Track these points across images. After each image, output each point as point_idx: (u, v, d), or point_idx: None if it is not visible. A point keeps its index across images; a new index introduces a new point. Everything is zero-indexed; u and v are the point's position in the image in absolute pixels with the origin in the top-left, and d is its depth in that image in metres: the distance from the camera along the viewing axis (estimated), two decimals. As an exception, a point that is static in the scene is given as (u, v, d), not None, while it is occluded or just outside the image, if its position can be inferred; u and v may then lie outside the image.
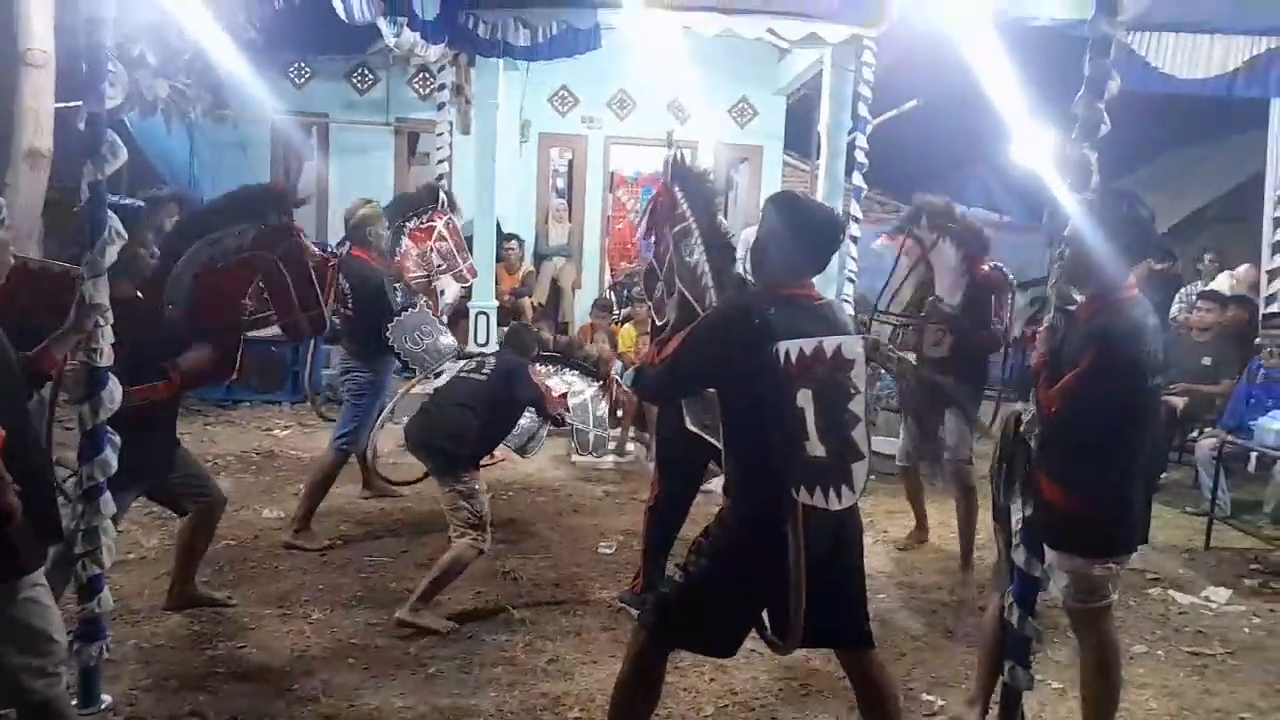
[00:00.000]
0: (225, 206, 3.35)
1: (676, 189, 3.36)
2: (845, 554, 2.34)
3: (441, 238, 5.46)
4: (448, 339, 4.63)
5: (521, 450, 4.43)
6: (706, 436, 3.10)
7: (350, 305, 4.44)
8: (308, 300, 3.51)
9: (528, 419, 4.20)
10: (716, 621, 2.35)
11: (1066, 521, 2.50)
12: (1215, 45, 5.67)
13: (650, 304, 3.76)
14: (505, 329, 5.02)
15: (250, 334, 3.54)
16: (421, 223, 5.47)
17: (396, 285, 4.84)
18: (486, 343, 6.79)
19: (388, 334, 4.36)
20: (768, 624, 2.36)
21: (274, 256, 3.36)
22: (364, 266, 4.55)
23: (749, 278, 2.76)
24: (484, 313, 7.01)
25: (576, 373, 4.62)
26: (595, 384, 4.90)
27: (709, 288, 3.10)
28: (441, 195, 5.60)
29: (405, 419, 4.09)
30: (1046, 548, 2.55)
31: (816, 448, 2.02)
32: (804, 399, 2.04)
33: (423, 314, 4.60)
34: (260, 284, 3.45)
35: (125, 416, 2.77)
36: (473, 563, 3.59)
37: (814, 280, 2.43)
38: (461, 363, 4.18)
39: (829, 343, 2.04)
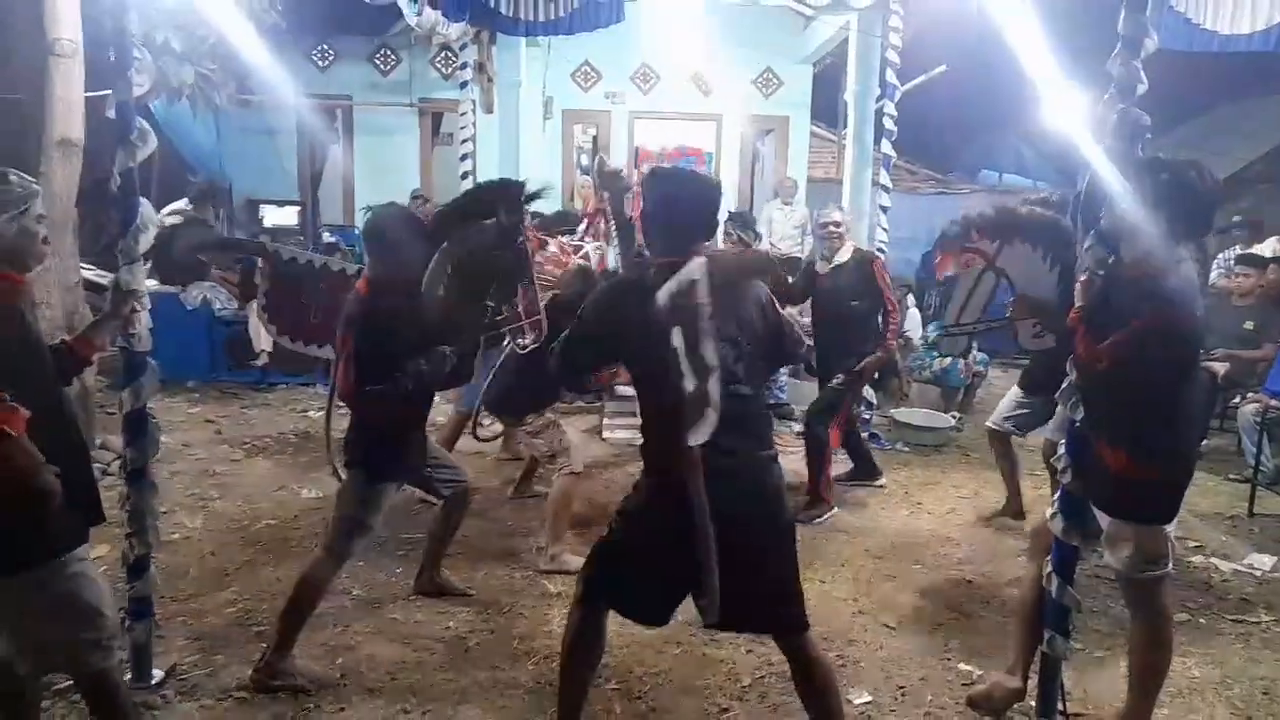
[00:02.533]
0: (465, 204, 3.31)
1: (605, 193, 3.27)
2: (768, 529, 2.29)
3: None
4: None
5: None
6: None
7: None
8: (533, 302, 3.39)
9: None
10: (633, 583, 2.37)
11: (1134, 488, 2.46)
12: (1258, -1, 5.48)
13: None
14: None
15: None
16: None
17: None
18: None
19: None
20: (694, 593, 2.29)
21: (513, 255, 3.25)
22: None
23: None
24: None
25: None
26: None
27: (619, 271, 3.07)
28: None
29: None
30: (1108, 517, 2.52)
31: (690, 382, 2.02)
32: (676, 337, 2.04)
33: None
34: (499, 284, 3.34)
35: (397, 418, 2.97)
36: (574, 487, 3.94)
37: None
38: None
39: (683, 274, 2.07)
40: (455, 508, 3.52)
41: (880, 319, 4.82)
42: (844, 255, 4.84)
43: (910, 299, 7.16)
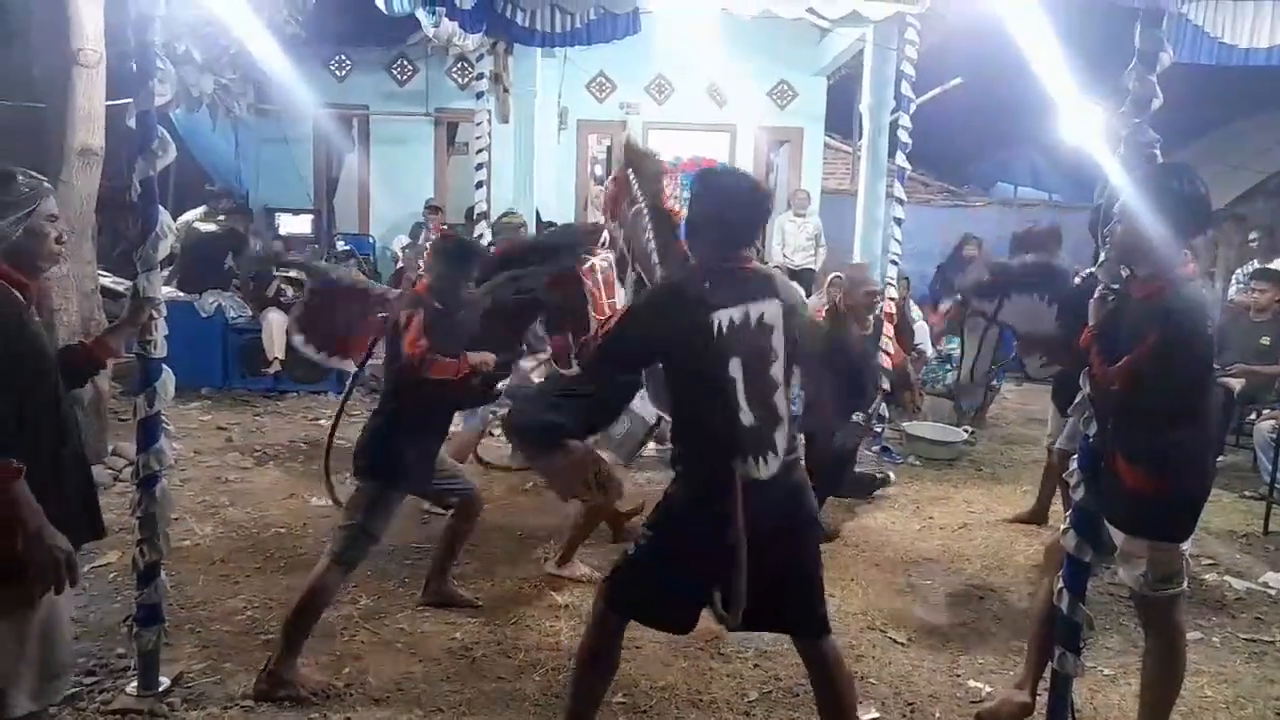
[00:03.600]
0: (536, 245, 3.56)
1: (629, 172, 3.24)
2: (797, 534, 2.31)
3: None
4: None
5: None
6: (663, 413, 3.14)
7: None
8: (582, 341, 3.43)
9: None
10: (662, 594, 2.35)
11: (1150, 504, 2.44)
12: (1277, 11, 5.45)
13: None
14: None
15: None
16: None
17: None
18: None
19: None
20: (719, 601, 2.30)
21: (558, 300, 3.37)
22: None
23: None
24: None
25: None
26: None
27: (657, 265, 3.05)
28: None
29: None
30: (1123, 535, 2.50)
31: (748, 416, 2.14)
32: (735, 368, 2.16)
33: None
34: (540, 324, 3.51)
35: (416, 418, 3.07)
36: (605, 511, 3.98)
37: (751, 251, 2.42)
38: None
39: (754, 309, 2.20)
40: (463, 519, 3.54)
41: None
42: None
43: (917, 311, 7.13)
